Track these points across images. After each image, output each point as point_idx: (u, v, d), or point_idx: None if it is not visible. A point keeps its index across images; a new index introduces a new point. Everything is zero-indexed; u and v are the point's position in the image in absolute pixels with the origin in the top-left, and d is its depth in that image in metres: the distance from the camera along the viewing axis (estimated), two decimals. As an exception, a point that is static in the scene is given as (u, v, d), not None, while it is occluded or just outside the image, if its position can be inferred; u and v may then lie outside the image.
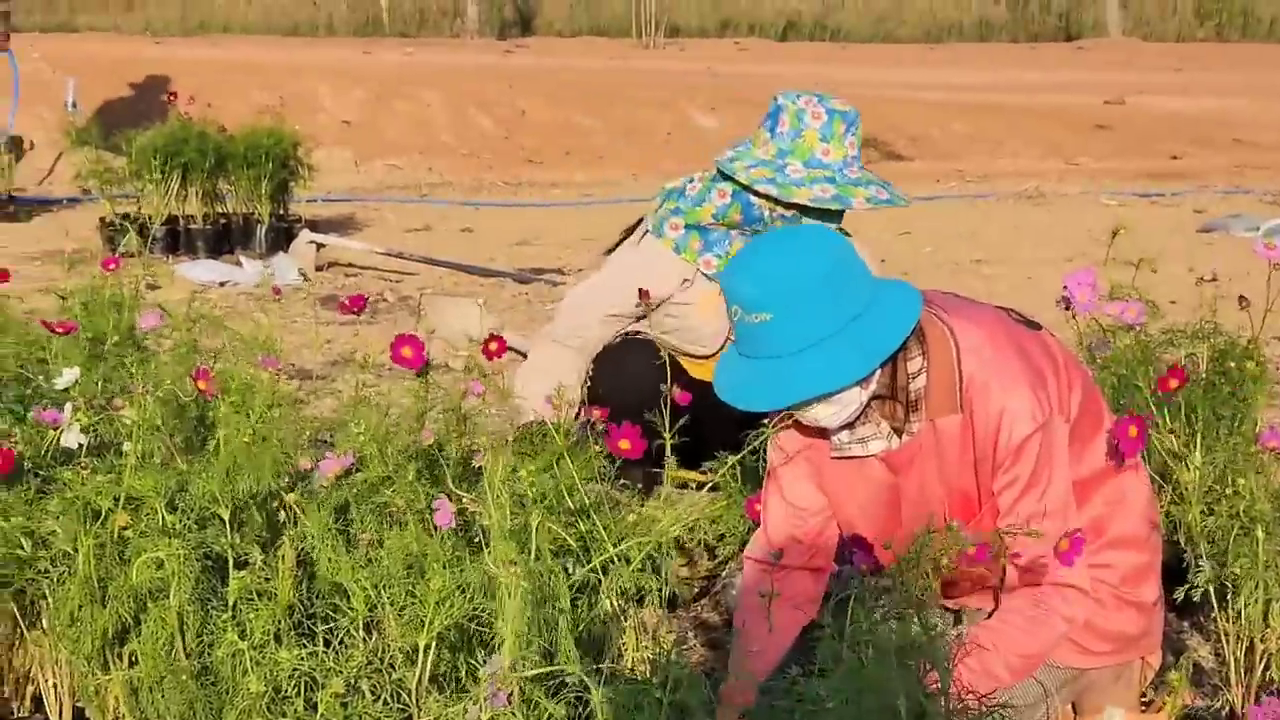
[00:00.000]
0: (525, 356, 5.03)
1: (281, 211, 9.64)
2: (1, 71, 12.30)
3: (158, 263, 8.81)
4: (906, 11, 36.45)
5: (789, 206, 4.38)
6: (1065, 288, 3.58)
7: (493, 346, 3.70)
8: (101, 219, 9.52)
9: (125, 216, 9.32)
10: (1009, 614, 3.14)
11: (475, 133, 14.90)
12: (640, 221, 4.75)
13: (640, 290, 3.93)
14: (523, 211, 12.18)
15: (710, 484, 3.81)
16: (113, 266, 4.40)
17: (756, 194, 4.43)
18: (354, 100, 15.14)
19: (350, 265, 8.96)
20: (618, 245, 4.82)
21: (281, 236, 9.43)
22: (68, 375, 3.47)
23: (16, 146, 11.92)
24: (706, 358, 4.65)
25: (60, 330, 3.88)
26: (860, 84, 19.01)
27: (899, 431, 3.25)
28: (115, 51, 19.59)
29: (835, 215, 4.41)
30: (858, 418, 3.23)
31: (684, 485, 4.59)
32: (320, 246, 8.97)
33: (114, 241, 9.21)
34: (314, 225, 9.84)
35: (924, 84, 19.68)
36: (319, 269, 8.80)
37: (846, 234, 4.53)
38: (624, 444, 3.30)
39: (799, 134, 4.39)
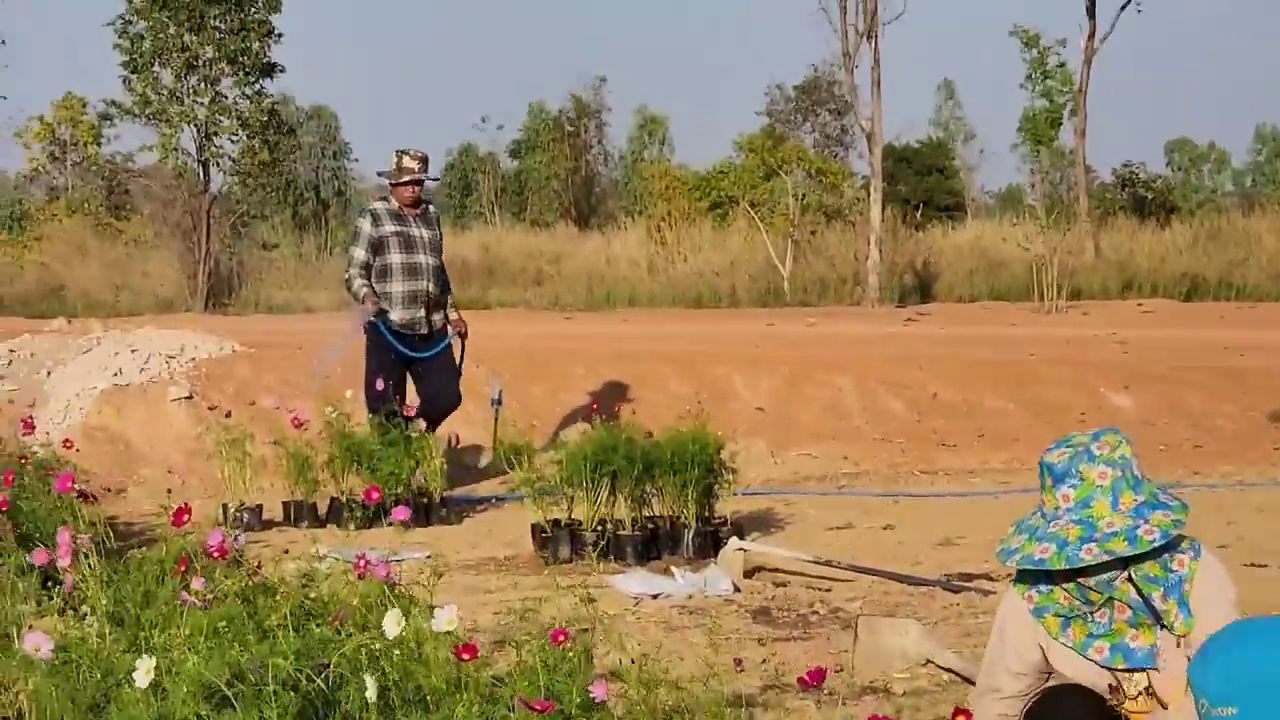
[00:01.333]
0: (964, 678, 4.96)
1: (707, 514, 9.78)
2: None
3: (590, 571, 8.99)
4: (1315, 266, 35.57)
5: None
6: None
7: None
8: (533, 525, 9.78)
9: (556, 523, 9.57)
10: None
11: (887, 416, 14.92)
12: None
13: (1110, 687, 3.88)
14: (942, 503, 12.11)
15: None
16: (562, 638, 4.50)
17: None
18: (766, 387, 15.33)
19: (777, 571, 8.98)
20: None
21: (708, 541, 9.56)
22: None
23: (449, 446, 12.40)
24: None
25: (538, 709, 3.96)
26: (1268, 347, 18.56)
27: None
28: (529, 330, 20.27)
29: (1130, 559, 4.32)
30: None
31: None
32: (747, 552, 9.04)
33: (546, 547, 9.47)
34: (735, 522, 9.95)
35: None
36: (747, 575, 8.85)
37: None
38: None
39: None
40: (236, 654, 4.63)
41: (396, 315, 11.99)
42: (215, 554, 5.39)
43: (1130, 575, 4.29)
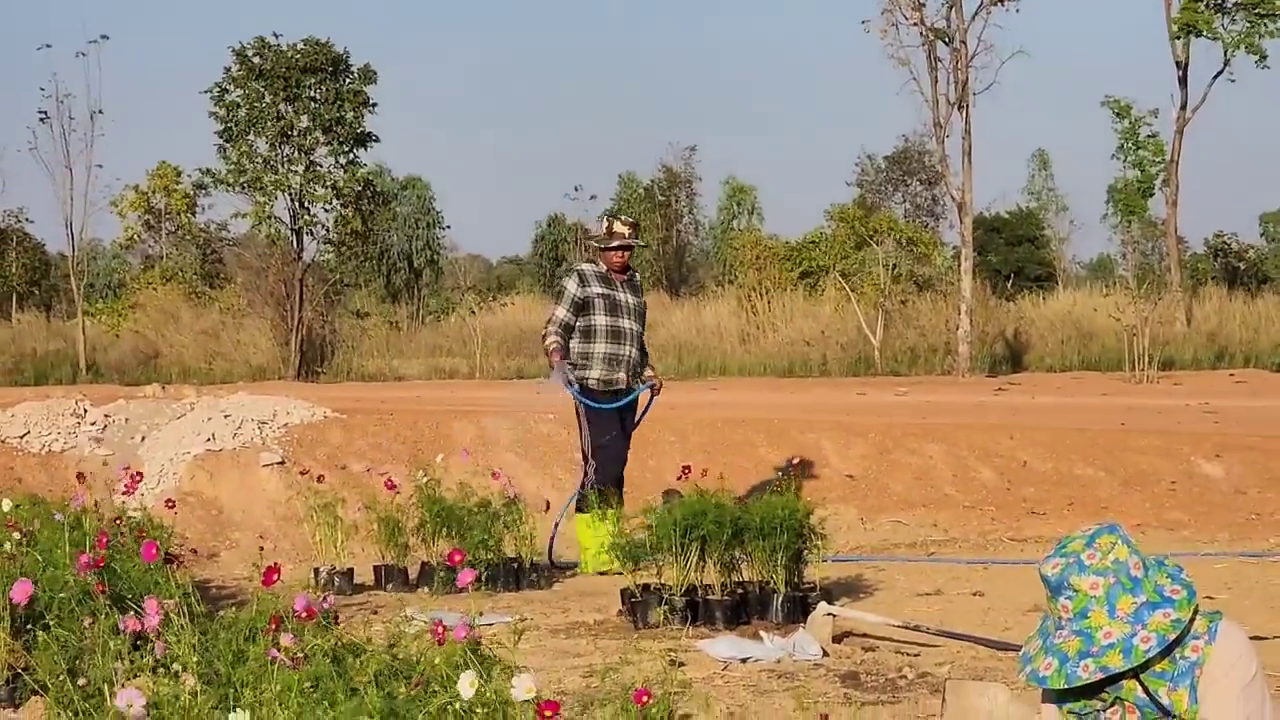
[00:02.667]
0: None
1: (796, 579, 9.76)
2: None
3: (679, 635, 8.99)
4: None
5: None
6: None
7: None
8: (622, 590, 9.80)
9: (646, 588, 9.58)
10: None
11: (977, 484, 14.87)
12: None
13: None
14: (1031, 570, 11.98)
15: None
16: (645, 699, 4.52)
17: None
18: (856, 454, 15.32)
19: (866, 636, 8.96)
20: None
21: (797, 606, 9.52)
22: None
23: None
24: None
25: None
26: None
27: None
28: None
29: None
30: None
31: None
32: (836, 617, 9.01)
33: (635, 612, 9.48)
34: (824, 588, 9.92)
35: None
36: (836, 640, 8.83)
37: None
38: None
39: None
40: (324, 712, 4.67)
41: (596, 375, 12.08)
42: (304, 614, 5.43)
43: (1137, 673, 4.27)
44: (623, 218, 12.37)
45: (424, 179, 56.68)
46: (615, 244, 12.14)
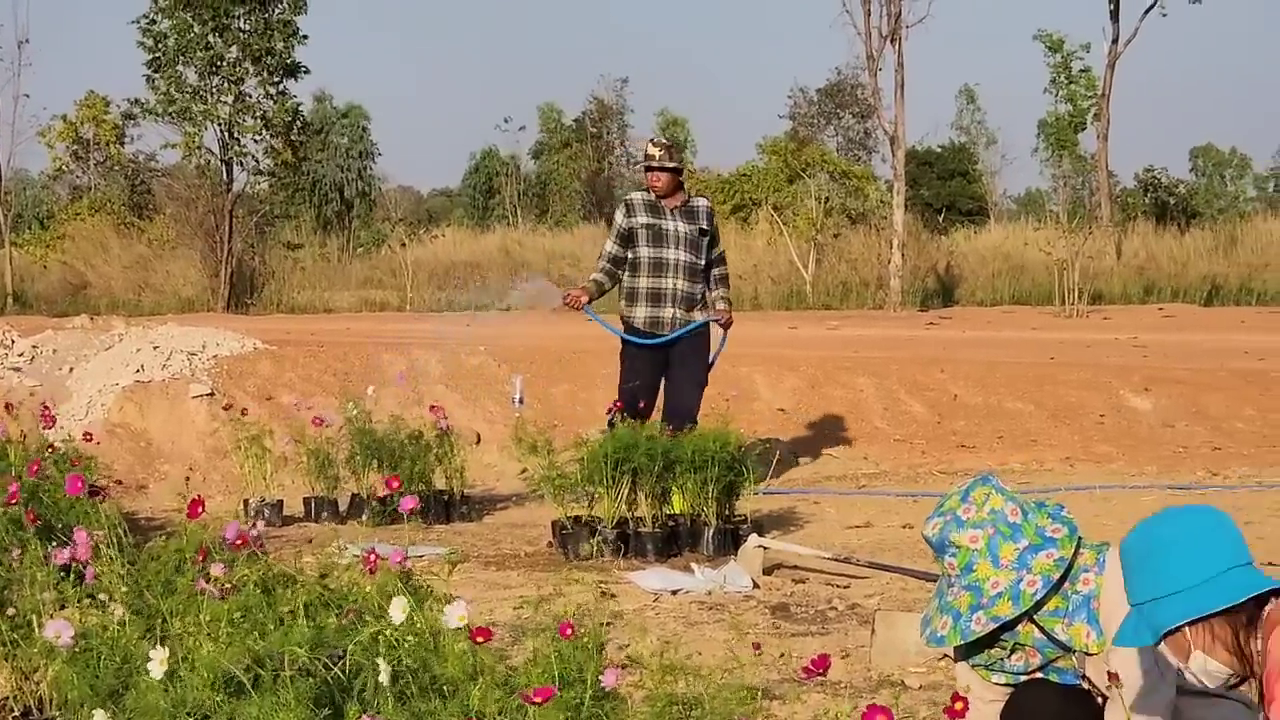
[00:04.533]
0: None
1: (727, 512, 9.78)
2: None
3: (610, 567, 9.02)
4: (1336, 270, 35.53)
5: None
6: None
7: (958, 706, 3.72)
8: (554, 522, 9.80)
9: (577, 520, 9.58)
10: None
11: (908, 418, 14.93)
12: None
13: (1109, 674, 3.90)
14: (960, 502, 12.07)
15: None
16: (569, 631, 4.52)
17: None
18: (788, 388, 15.35)
19: (796, 568, 8.99)
20: None
21: (728, 539, 9.56)
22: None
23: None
24: None
25: (539, 700, 3.96)
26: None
27: None
28: (552, 331, 20.14)
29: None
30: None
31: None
32: (767, 549, 9.04)
33: (566, 544, 9.49)
34: (755, 521, 9.95)
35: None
36: (766, 572, 8.86)
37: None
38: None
39: None
40: (254, 642, 4.64)
41: (640, 313, 11.34)
42: (234, 544, 5.39)
43: (1030, 616, 4.31)
44: (655, 139, 11.69)
45: (362, 107, 56.08)
46: (644, 165, 11.45)
